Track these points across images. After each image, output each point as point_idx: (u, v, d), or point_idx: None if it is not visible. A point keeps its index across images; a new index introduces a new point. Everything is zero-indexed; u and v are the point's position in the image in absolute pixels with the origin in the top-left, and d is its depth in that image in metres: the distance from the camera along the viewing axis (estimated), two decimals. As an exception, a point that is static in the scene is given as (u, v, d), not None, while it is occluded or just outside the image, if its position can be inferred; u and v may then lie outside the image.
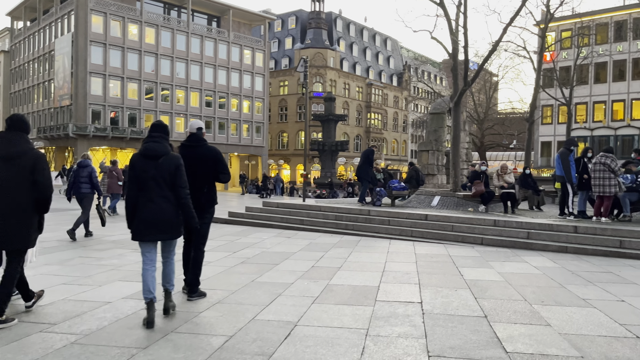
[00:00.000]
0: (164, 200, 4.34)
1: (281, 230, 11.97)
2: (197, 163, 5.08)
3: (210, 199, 5.23)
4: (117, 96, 50.50)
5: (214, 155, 5.21)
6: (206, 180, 5.16)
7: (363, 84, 78.60)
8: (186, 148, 5.20)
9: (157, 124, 4.57)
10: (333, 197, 35.01)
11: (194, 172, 4.97)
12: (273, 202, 13.85)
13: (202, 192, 5.11)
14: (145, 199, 4.32)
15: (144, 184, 4.33)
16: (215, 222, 13.62)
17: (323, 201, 14.70)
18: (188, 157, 4.96)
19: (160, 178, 4.34)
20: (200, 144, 5.23)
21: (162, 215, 4.32)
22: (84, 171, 9.91)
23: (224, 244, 9.52)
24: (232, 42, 58.94)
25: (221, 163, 5.21)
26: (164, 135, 4.51)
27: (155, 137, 4.46)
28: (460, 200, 12.68)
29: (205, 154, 5.17)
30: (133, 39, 51.24)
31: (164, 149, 4.42)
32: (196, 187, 4.99)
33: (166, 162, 4.37)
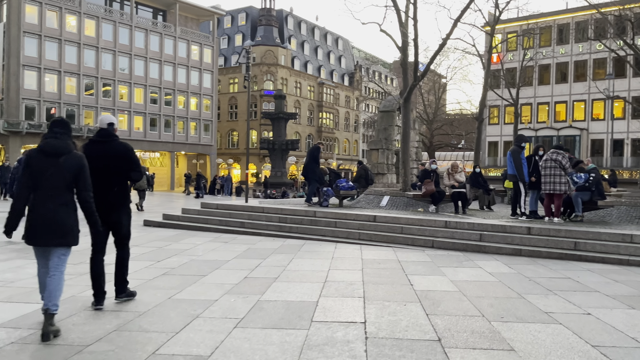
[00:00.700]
0: (61, 202, 4.00)
1: (219, 234, 10.98)
2: (108, 160, 4.74)
3: (122, 197, 4.92)
4: (54, 91, 47.57)
5: (125, 151, 4.87)
6: (117, 178, 4.85)
7: (315, 83, 78.03)
8: (95, 144, 4.82)
9: (59, 119, 4.25)
10: (284, 197, 34.11)
11: (104, 170, 4.69)
12: (212, 203, 12.84)
13: (113, 191, 4.80)
14: (40, 200, 3.95)
15: (40, 184, 3.96)
16: (148, 225, 12.48)
17: (267, 202, 13.81)
18: (97, 154, 4.67)
19: (60, 178, 3.99)
20: (111, 139, 4.87)
21: (57, 219, 3.96)
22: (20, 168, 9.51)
23: (149, 251, 8.47)
24: (178, 37, 56.88)
25: (133, 160, 4.90)
26: (67, 131, 4.17)
27: (56, 133, 4.09)
28: (410, 200, 12.10)
29: (116, 151, 4.82)
30: (71, 30, 48.40)
31: (66, 147, 4.07)
32: (107, 186, 4.71)
33: (68, 161, 4.03)
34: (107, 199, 4.67)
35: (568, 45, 42.64)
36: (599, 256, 7.67)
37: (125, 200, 4.94)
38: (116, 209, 4.82)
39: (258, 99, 69.97)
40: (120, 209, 4.88)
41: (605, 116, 39.95)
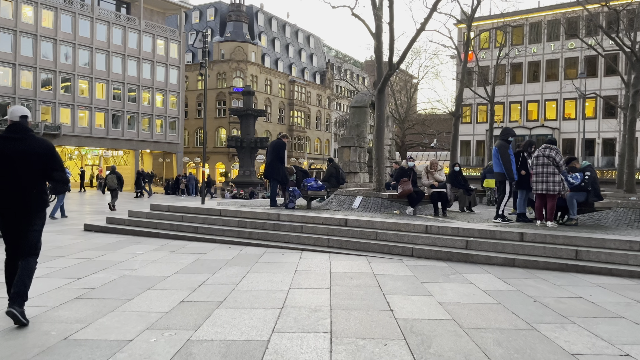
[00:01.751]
0: None
1: (168, 241, 9.55)
2: (23, 159, 4.17)
3: (41, 201, 4.35)
4: (8, 85, 44.81)
5: (46, 149, 4.29)
6: (35, 180, 4.26)
7: (286, 80, 76.62)
8: (7, 141, 4.20)
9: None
10: (252, 198, 32.62)
11: (18, 170, 4.16)
12: (163, 205, 11.39)
13: (31, 194, 4.23)
14: None
15: None
16: (88, 230, 10.95)
17: (227, 203, 12.41)
18: (11, 152, 4.14)
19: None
20: (26, 135, 4.27)
21: None
22: None
23: (75, 264, 7.00)
24: (143, 30, 54.60)
25: (55, 159, 4.33)
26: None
27: None
28: (384, 201, 10.91)
29: (34, 148, 4.23)
30: (27, 21, 45.72)
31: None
32: (22, 189, 4.18)
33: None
34: (22, 204, 4.19)
35: (540, 44, 42.42)
36: (605, 267, 6.59)
37: (43, 205, 4.39)
38: (31, 213, 4.27)
39: (227, 96, 68.12)
40: (35, 213, 4.32)
41: (577, 115, 39.84)
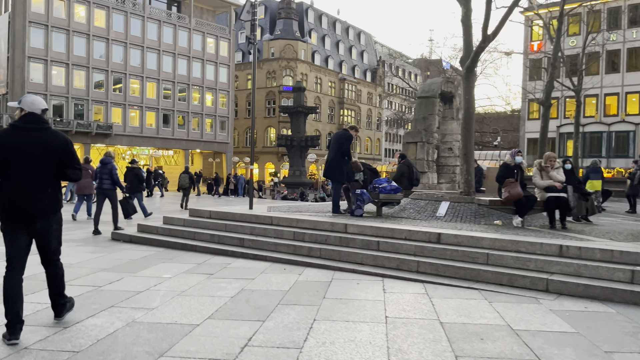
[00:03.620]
0: None
1: (207, 257, 7.54)
2: (39, 153, 3.68)
3: (56, 200, 3.85)
4: (61, 85, 44.94)
5: (63, 143, 3.81)
6: (50, 176, 3.76)
7: (336, 78, 74.65)
8: (21, 131, 3.70)
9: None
10: (302, 200, 30.68)
11: (34, 165, 3.66)
12: (203, 210, 9.42)
13: (46, 192, 3.74)
14: None
15: None
16: (116, 240, 9.13)
17: (279, 208, 10.32)
18: (21, 144, 3.64)
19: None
20: (42, 127, 3.75)
21: None
22: (105, 168, 10.28)
23: (77, 294, 5.04)
24: (193, 28, 53.90)
25: (71, 154, 3.83)
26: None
27: None
28: (481, 208, 8.49)
29: (51, 142, 3.74)
30: (80, 21, 45.74)
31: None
32: (35, 186, 3.70)
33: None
34: (35, 203, 3.69)
35: (620, 31, 38.19)
36: None
37: (58, 204, 3.90)
38: (45, 214, 3.76)
39: (276, 94, 66.86)
40: (51, 215, 3.81)
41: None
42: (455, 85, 21.23)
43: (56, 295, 4.02)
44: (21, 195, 3.65)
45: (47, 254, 3.88)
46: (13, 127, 3.75)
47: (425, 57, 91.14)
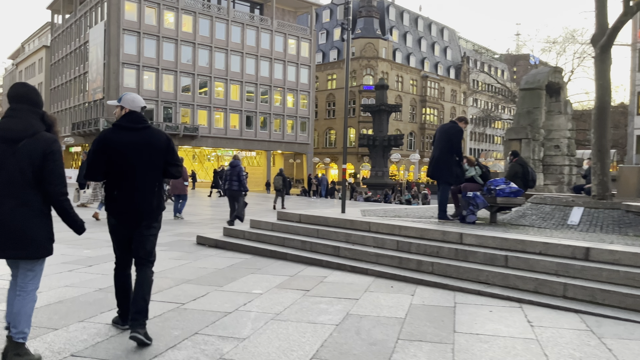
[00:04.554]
0: (17, 202, 2.99)
1: (300, 267, 6.66)
2: (143, 153, 3.64)
3: (160, 202, 3.79)
4: (152, 89, 46.84)
5: (166, 141, 3.77)
6: (157, 175, 3.74)
7: (418, 76, 72.44)
8: (126, 131, 3.66)
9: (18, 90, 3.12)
10: (386, 202, 29.47)
11: (138, 165, 3.62)
12: (292, 213, 8.58)
13: (152, 192, 3.70)
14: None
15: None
16: (201, 244, 8.54)
17: (373, 213, 9.27)
18: (128, 143, 3.61)
19: (16, 170, 2.97)
20: (145, 125, 3.72)
21: (12, 224, 2.96)
22: (234, 170, 10.73)
23: (155, 315, 4.30)
24: (275, 30, 54.27)
25: (174, 151, 3.82)
26: (30, 106, 3.09)
27: (14, 110, 3.08)
28: (626, 215, 6.93)
29: (154, 140, 3.71)
30: (169, 27, 47.48)
31: (28, 128, 3.02)
32: (141, 185, 3.64)
33: (28, 146, 2.98)
34: (144, 203, 3.65)
35: None
36: None
37: (163, 204, 3.83)
38: (150, 214, 3.70)
39: (357, 94, 65.93)
40: (155, 216, 3.75)
41: None
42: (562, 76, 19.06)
43: (140, 301, 3.63)
44: (131, 195, 3.62)
45: (142, 254, 3.74)
46: (117, 127, 3.70)
47: (512, 52, 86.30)
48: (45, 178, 3.05)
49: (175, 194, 13.34)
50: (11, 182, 2.98)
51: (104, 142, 3.63)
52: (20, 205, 3.00)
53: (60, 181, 3.12)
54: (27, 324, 3.08)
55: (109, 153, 3.59)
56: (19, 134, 3.01)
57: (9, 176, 2.98)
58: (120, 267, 3.84)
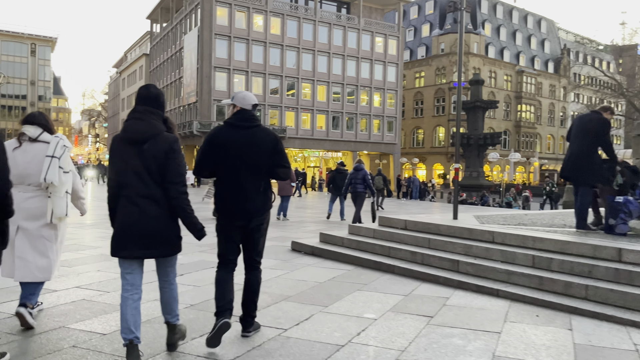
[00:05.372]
0: (149, 201, 3.09)
1: (414, 284, 5.70)
2: (251, 152, 3.58)
3: (268, 202, 3.72)
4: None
5: (274, 142, 3.66)
6: (264, 175, 3.65)
7: (512, 71, 68.36)
8: (235, 129, 3.61)
9: (145, 92, 3.22)
10: (483, 205, 27.52)
11: (246, 164, 3.57)
12: (396, 219, 7.58)
13: (258, 192, 3.62)
14: (124, 200, 3.12)
15: (123, 178, 3.11)
16: (296, 251, 7.84)
17: (492, 219, 8.04)
18: (235, 142, 3.56)
19: (144, 170, 3.08)
20: (255, 124, 3.64)
21: (146, 223, 3.08)
22: (359, 174, 11.15)
23: (262, 342, 3.54)
24: (362, 29, 53.43)
25: (282, 152, 3.69)
26: (154, 108, 3.20)
27: (139, 112, 3.17)
28: None
29: (262, 140, 3.63)
30: (258, 30, 48.26)
31: (152, 129, 3.13)
32: (248, 185, 3.58)
33: (152, 147, 3.09)
34: (250, 202, 3.58)
35: None
36: None
37: (269, 203, 3.74)
38: (259, 214, 3.63)
39: (446, 92, 63.45)
40: (263, 214, 3.68)
41: None
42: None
43: (250, 304, 3.74)
44: (237, 194, 3.57)
45: (252, 254, 3.73)
46: (227, 125, 3.67)
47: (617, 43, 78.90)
48: (166, 177, 3.12)
49: (281, 195, 13.18)
50: (142, 183, 3.07)
51: (211, 139, 3.61)
52: (154, 205, 3.09)
53: (180, 180, 3.17)
54: (177, 307, 3.39)
55: (216, 150, 3.55)
56: (144, 136, 3.09)
57: (138, 177, 3.08)
58: (224, 267, 3.69)
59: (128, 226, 3.08)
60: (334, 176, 13.95)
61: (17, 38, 67.83)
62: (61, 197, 3.71)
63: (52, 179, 3.62)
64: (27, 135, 3.72)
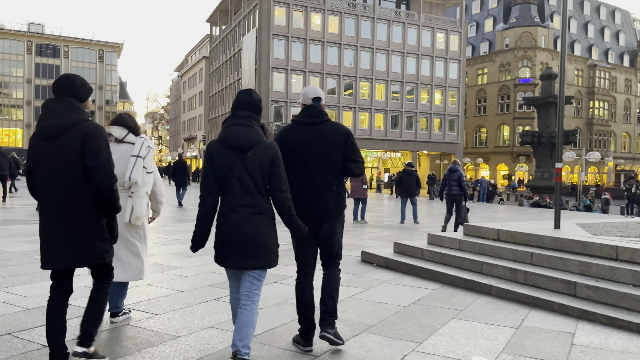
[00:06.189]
0: (253, 210, 3.01)
1: (520, 309, 4.64)
2: (321, 149, 3.43)
3: (341, 200, 3.52)
4: (300, 92, 47.35)
5: (345, 135, 3.49)
6: (336, 173, 3.47)
7: (583, 65, 64.33)
8: (302, 127, 3.49)
9: (247, 98, 3.14)
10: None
11: (316, 162, 3.43)
12: (486, 228, 6.43)
13: (330, 191, 3.44)
14: (226, 208, 3.03)
15: (225, 186, 3.02)
16: (367, 262, 6.93)
17: (602, 227, 6.75)
18: (305, 140, 3.43)
19: (249, 178, 3.00)
20: (323, 119, 3.49)
21: (250, 233, 2.98)
22: (454, 175, 10.71)
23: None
24: (422, 25, 51.73)
25: (354, 147, 3.50)
26: (254, 114, 3.12)
27: (241, 118, 3.07)
28: None
29: (332, 135, 3.46)
30: (316, 29, 47.70)
31: (256, 136, 3.04)
32: (319, 184, 3.42)
33: (257, 154, 3.01)
34: (322, 203, 3.42)
35: None
36: None
37: (343, 203, 3.56)
38: (331, 216, 3.47)
39: (511, 89, 60.51)
40: (337, 216, 3.52)
41: None
42: None
43: (328, 300, 3.52)
44: (308, 195, 3.41)
45: (329, 258, 3.59)
46: (294, 123, 3.57)
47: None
48: (273, 184, 3.06)
49: (354, 198, 12.59)
50: (245, 191, 3.01)
51: (280, 139, 3.44)
52: (256, 214, 3.01)
53: (287, 186, 3.12)
54: (251, 337, 3.02)
55: (286, 150, 3.33)
56: (249, 143, 3.01)
57: (242, 185, 3.00)
58: (302, 275, 3.53)
59: (232, 236, 2.99)
60: (401, 177, 13.08)
61: (86, 44, 70.80)
62: (142, 196, 3.72)
63: (137, 178, 3.64)
64: (114, 136, 3.75)
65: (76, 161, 2.76)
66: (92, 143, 2.77)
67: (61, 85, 2.88)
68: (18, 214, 12.27)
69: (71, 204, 2.78)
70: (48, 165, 2.80)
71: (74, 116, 2.82)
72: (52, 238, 2.80)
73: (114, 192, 2.85)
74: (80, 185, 2.78)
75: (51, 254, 2.81)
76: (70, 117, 2.81)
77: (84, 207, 2.79)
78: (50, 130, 2.79)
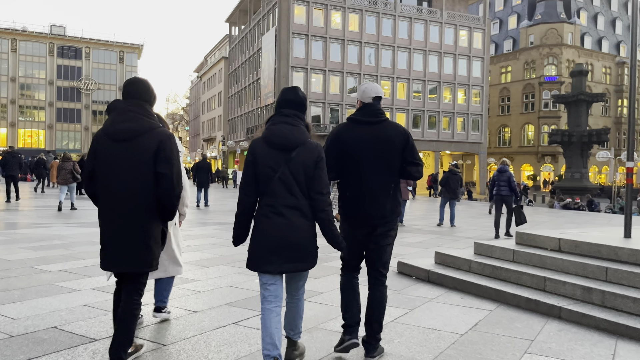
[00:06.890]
0: (296, 212, 2.87)
1: (605, 340, 3.80)
2: (378, 149, 3.27)
3: (397, 205, 3.35)
4: (319, 91, 46.69)
5: (404, 137, 3.32)
6: (394, 175, 3.33)
7: (612, 63, 62.41)
8: (357, 125, 3.33)
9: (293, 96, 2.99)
10: (591, 210, 24.25)
11: (372, 163, 3.27)
12: (544, 237, 5.49)
13: (388, 194, 3.29)
14: (267, 210, 2.87)
15: (267, 187, 2.87)
16: (404, 275, 6.14)
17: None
18: (361, 139, 3.28)
19: (292, 179, 2.86)
20: (381, 119, 3.32)
21: (292, 235, 2.85)
22: (504, 175, 10.58)
23: None
24: (445, 22, 50.56)
25: (414, 149, 3.35)
26: (300, 112, 2.99)
27: (287, 117, 2.93)
28: None
29: (391, 135, 3.29)
30: (336, 27, 46.91)
31: (302, 136, 2.91)
32: (380, 186, 3.27)
33: (301, 155, 2.88)
34: (378, 206, 3.26)
35: None
36: None
37: (398, 208, 3.35)
38: (387, 220, 3.29)
39: (536, 87, 58.93)
40: (389, 221, 3.31)
41: None
42: None
43: (374, 324, 3.29)
44: (364, 197, 3.27)
45: (377, 265, 3.34)
46: (350, 121, 3.38)
47: None
48: (314, 187, 2.91)
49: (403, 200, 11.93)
50: (289, 192, 2.88)
51: (333, 138, 3.34)
52: (300, 216, 2.90)
53: (328, 191, 2.97)
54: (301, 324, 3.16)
55: (341, 150, 3.27)
56: (294, 142, 2.88)
57: (286, 186, 2.87)
58: (348, 271, 3.42)
59: (274, 238, 2.84)
60: (448, 177, 12.43)
61: (107, 46, 71.16)
62: None
63: None
64: None
65: (149, 166, 2.77)
66: (167, 150, 2.81)
67: (136, 88, 2.90)
68: (30, 217, 11.74)
69: (137, 207, 2.79)
70: (118, 167, 2.79)
71: (149, 122, 2.84)
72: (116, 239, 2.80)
73: (178, 200, 2.89)
74: (148, 190, 2.79)
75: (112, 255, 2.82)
76: (145, 123, 2.82)
77: (149, 211, 2.81)
78: (125, 133, 2.78)
